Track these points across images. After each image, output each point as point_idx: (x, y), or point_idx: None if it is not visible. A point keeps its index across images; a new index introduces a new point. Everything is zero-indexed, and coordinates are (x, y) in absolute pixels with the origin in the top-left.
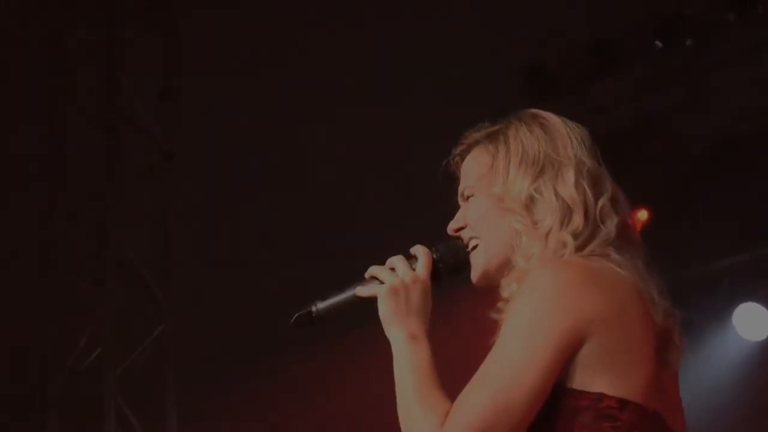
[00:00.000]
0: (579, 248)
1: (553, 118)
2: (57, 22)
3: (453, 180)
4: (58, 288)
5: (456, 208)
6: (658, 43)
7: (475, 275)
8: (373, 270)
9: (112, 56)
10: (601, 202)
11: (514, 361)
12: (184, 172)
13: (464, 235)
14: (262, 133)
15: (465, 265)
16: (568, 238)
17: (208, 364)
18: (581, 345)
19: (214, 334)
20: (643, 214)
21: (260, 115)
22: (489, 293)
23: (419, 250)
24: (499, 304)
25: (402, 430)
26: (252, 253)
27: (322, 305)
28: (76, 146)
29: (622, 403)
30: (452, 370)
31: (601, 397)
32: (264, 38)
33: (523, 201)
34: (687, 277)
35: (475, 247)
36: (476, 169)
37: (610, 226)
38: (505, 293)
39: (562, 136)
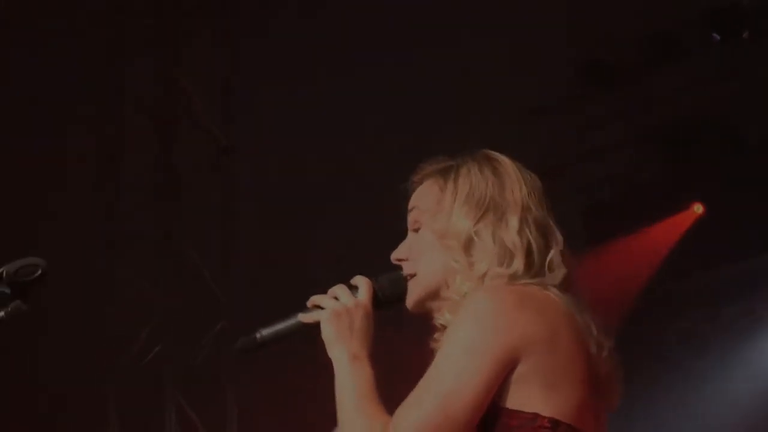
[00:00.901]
0: (513, 282)
1: (506, 163)
2: (116, 16)
3: (405, 204)
4: (119, 285)
5: (405, 232)
6: (715, 36)
7: (409, 303)
8: (316, 298)
9: (171, 52)
10: (551, 253)
11: (453, 377)
12: (244, 167)
13: (405, 267)
14: (320, 128)
15: (404, 295)
16: (504, 272)
17: (267, 360)
18: (516, 365)
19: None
20: (698, 208)
21: (318, 110)
22: None
23: (360, 281)
24: (436, 335)
25: None
26: (312, 248)
27: (266, 332)
28: (135, 142)
29: (555, 423)
30: None
31: (535, 416)
32: (319, 35)
33: (462, 241)
34: (743, 268)
35: (412, 276)
36: (425, 201)
37: (558, 275)
38: (439, 321)
39: (512, 182)
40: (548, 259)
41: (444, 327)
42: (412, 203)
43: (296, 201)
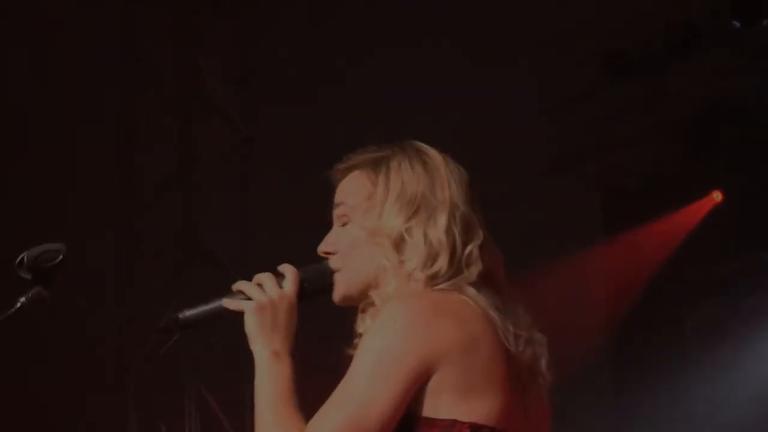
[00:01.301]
0: (432, 285)
1: (436, 158)
2: (136, 5)
3: (331, 192)
4: (138, 276)
5: (330, 222)
6: (736, 24)
7: (336, 296)
8: (241, 285)
9: (192, 42)
10: (468, 248)
11: (368, 387)
12: (265, 157)
13: (331, 261)
14: (343, 118)
15: (330, 287)
16: (422, 276)
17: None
18: (432, 374)
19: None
20: (717, 196)
21: (337, 98)
22: None
23: (287, 269)
24: (355, 341)
25: None
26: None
27: (189, 313)
28: (155, 133)
29: (475, 428)
30: None
31: (454, 423)
32: (340, 23)
33: (393, 239)
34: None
35: (339, 270)
36: (355, 194)
37: (473, 271)
38: (360, 329)
39: (441, 179)
40: (465, 254)
41: (362, 334)
42: (340, 197)
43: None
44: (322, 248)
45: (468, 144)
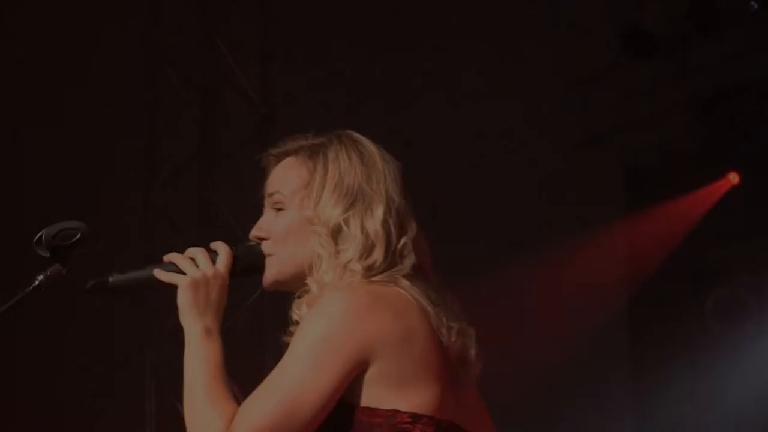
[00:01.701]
0: (369, 276)
1: (371, 149)
2: None
3: (264, 176)
4: (159, 253)
5: (261, 204)
6: (754, 4)
7: (266, 280)
8: (173, 257)
9: (212, 18)
10: (403, 241)
11: (301, 374)
12: (285, 134)
13: (264, 245)
14: (364, 96)
15: (260, 268)
16: (359, 267)
17: None
18: (369, 365)
19: None
20: (734, 177)
21: (361, 77)
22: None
23: (220, 246)
24: (290, 328)
25: (187, 421)
26: None
27: (118, 277)
28: (176, 111)
29: (415, 417)
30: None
31: (394, 413)
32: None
33: (331, 228)
34: None
35: (271, 255)
36: (291, 181)
37: (407, 264)
38: (295, 316)
39: (378, 171)
40: (400, 246)
41: (297, 321)
42: (275, 185)
43: None
44: (254, 233)
45: (494, 120)
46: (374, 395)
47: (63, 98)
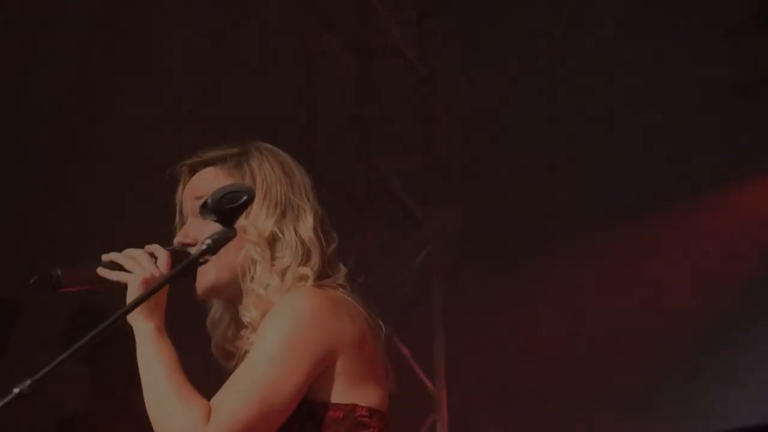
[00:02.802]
0: (317, 282)
1: (288, 160)
2: None
3: (174, 183)
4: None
5: (171, 208)
6: None
7: (201, 289)
8: (114, 256)
9: None
10: (332, 247)
11: (272, 370)
12: (442, 95)
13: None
14: (521, 56)
15: (191, 273)
16: (308, 272)
17: (479, 289)
18: (331, 363)
19: (477, 256)
20: None
21: (517, 34)
22: None
23: (159, 251)
24: (243, 332)
25: (155, 420)
26: (514, 171)
27: (62, 272)
28: (334, 72)
29: (371, 412)
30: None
31: (354, 407)
32: None
33: (266, 237)
34: None
35: (204, 262)
36: None
37: (341, 272)
38: (246, 318)
39: (299, 182)
40: (329, 252)
41: (251, 323)
42: (200, 192)
43: (497, 128)
44: (180, 240)
45: (660, 66)
46: (335, 391)
47: (223, 64)
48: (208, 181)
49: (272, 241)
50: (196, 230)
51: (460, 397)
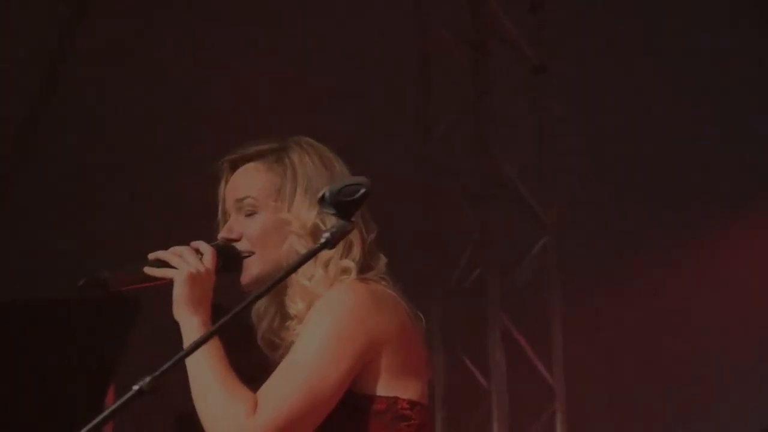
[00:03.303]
0: (359, 275)
1: (328, 153)
2: None
3: (216, 179)
4: (439, 205)
5: (213, 204)
6: None
7: (246, 279)
8: (160, 254)
9: None
10: (371, 237)
11: (319, 362)
12: (557, 86)
13: (241, 245)
14: (636, 39)
15: (236, 267)
16: (351, 264)
17: (597, 279)
18: (374, 357)
19: (594, 244)
20: None
21: (631, 24)
22: None
23: (204, 247)
24: (289, 323)
25: (202, 412)
26: (633, 156)
27: (109, 274)
28: (447, 64)
29: (412, 404)
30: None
31: (396, 400)
32: None
33: (309, 228)
34: None
35: (249, 255)
36: (261, 185)
37: (382, 260)
38: (292, 310)
39: (338, 174)
40: (369, 243)
41: (297, 315)
42: (244, 190)
43: (613, 117)
44: (225, 235)
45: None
46: (380, 384)
47: (336, 56)
48: (249, 177)
49: (315, 233)
50: (240, 226)
51: (578, 389)
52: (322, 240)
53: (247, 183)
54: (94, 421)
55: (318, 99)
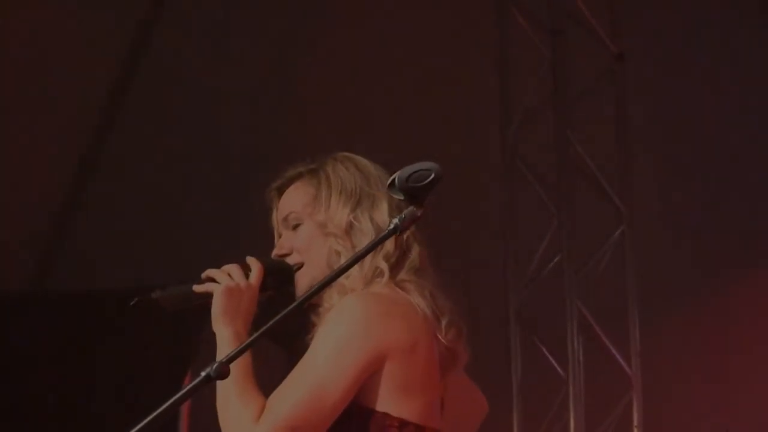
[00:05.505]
0: (391, 274)
1: (364, 162)
2: None
3: (268, 209)
4: (518, 196)
5: (269, 230)
6: None
7: (302, 289)
8: (211, 272)
9: None
10: (408, 232)
11: (325, 371)
12: (636, 74)
13: (290, 259)
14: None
15: (289, 282)
16: (384, 265)
17: (667, 263)
18: (379, 368)
19: (673, 235)
20: None
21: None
22: None
23: (253, 262)
24: (321, 309)
25: (219, 416)
26: (708, 147)
27: (161, 294)
28: (525, 52)
29: (403, 423)
30: None
31: (385, 416)
32: None
33: (343, 227)
34: None
35: (300, 267)
36: (300, 199)
37: (415, 254)
38: (326, 303)
39: (374, 176)
40: (405, 237)
41: (330, 308)
42: (287, 208)
43: (689, 106)
44: (277, 252)
45: None
46: (375, 398)
47: (416, 48)
48: (291, 197)
49: (350, 230)
50: (288, 242)
51: (655, 379)
52: (391, 226)
53: (289, 201)
54: (168, 402)
55: (399, 91)
